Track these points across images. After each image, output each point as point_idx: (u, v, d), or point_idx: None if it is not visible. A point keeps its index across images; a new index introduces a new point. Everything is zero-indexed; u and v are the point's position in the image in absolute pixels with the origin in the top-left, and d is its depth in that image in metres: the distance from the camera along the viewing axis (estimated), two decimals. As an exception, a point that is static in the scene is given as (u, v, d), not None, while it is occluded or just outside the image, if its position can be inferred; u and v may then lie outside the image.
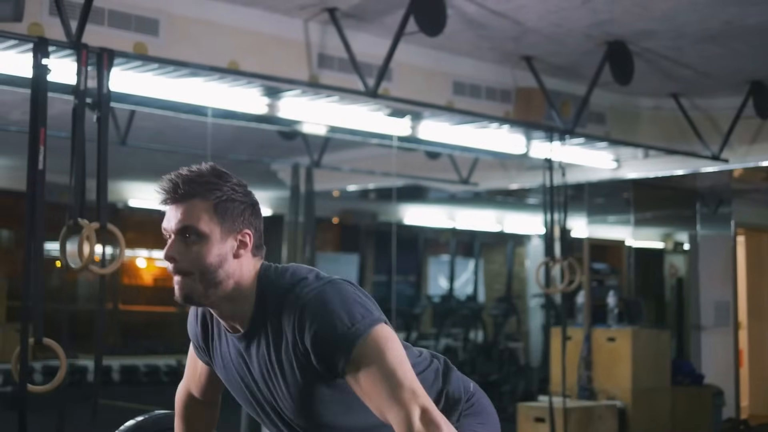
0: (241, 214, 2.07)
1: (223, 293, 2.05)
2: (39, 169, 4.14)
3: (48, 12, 4.72)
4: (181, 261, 2.03)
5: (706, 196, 9.62)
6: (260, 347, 2.09)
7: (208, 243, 2.03)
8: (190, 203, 2.03)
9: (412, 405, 1.90)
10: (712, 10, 5.51)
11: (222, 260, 2.04)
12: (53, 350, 4.19)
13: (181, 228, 2.03)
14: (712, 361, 9.31)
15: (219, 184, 2.06)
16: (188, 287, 2.03)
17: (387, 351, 1.95)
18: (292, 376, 2.06)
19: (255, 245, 2.10)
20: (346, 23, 5.59)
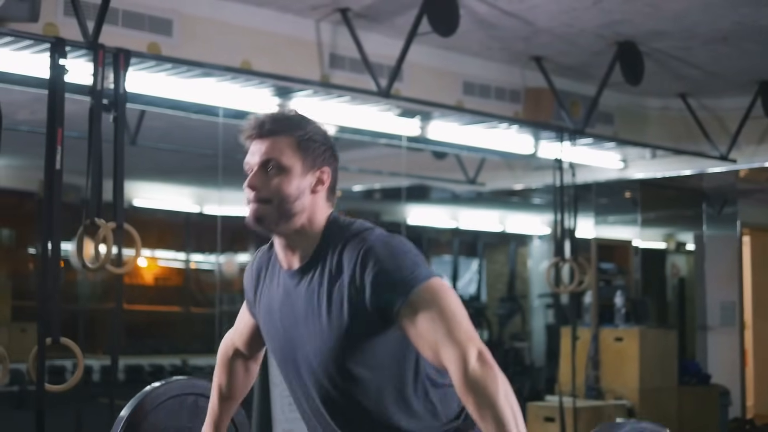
0: (322, 153, 2.19)
1: (294, 226, 2.17)
2: (56, 169, 4.16)
3: (63, 12, 4.73)
4: (262, 190, 2.15)
5: (712, 197, 9.63)
6: (312, 282, 2.16)
7: (289, 175, 2.15)
8: (274, 139, 2.16)
9: (469, 345, 1.95)
10: (724, 11, 5.52)
11: (300, 193, 2.15)
12: (71, 349, 4.20)
13: (265, 160, 2.15)
14: (718, 361, 9.33)
15: (302, 124, 2.19)
16: (263, 211, 2.15)
17: (446, 296, 2.02)
18: (337, 313, 2.11)
19: (330, 186, 2.22)
20: (357, 23, 5.60)
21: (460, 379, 1.92)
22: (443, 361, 1.97)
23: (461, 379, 1.92)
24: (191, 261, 12.06)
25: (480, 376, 1.91)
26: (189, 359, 11.15)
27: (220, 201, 7.59)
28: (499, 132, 6.85)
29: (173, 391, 2.65)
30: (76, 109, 4.37)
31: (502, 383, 1.93)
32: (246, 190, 2.16)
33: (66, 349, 4.22)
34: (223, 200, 7.45)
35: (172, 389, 2.66)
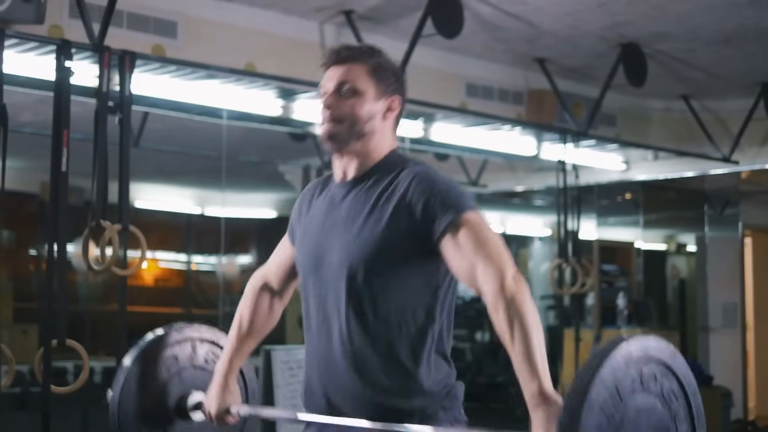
0: (394, 82, 2.33)
1: (362, 146, 2.29)
2: (62, 171, 4.16)
3: (68, 14, 4.73)
4: (336, 110, 2.27)
5: (714, 198, 9.63)
6: (361, 192, 2.28)
7: (361, 98, 2.27)
8: (350, 65, 2.29)
9: (507, 266, 2.06)
10: (727, 13, 5.53)
11: (371, 116, 2.28)
12: (76, 351, 4.20)
13: (340, 83, 2.28)
14: (720, 363, 9.33)
15: (376, 54, 2.33)
16: (336, 129, 2.27)
17: (488, 226, 2.16)
18: (377, 223, 2.20)
19: (398, 115, 2.35)
20: (362, 25, 5.60)
21: (494, 293, 2.03)
22: (478, 278, 2.08)
23: (496, 293, 2.03)
24: (193, 262, 12.06)
25: (514, 291, 2.02)
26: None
27: (223, 203, 7.60)
28: (502, 134, 6.85)
29: (175, 337, 2.66)
30: (79, 111, 4.37)
31: (532, 303, 2.04)
32: (321, 111, 2.29)
33: (68, 351, 4.22)
34: (226, 202, 7.46)
35: (174, 336, 2.66)
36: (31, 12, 4.28)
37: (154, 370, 2.61)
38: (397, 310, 2.20)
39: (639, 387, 1.83)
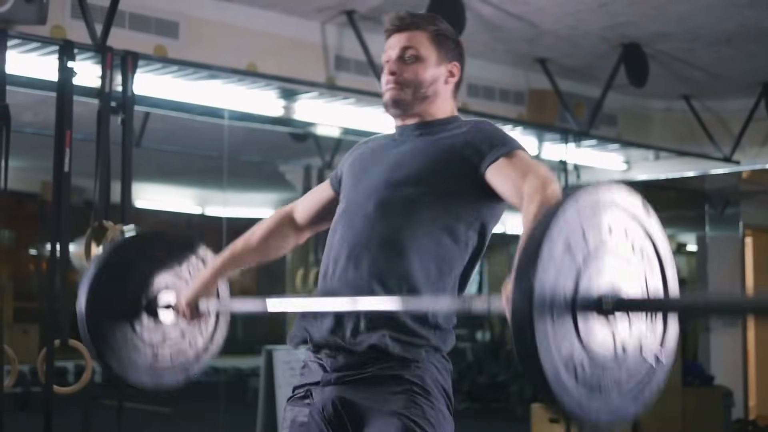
0: (454, 49, 2.40)
1: (424, 109, 2.36)
2: (65, 171, 4.17)
3: (70, 15, 4.73)
4: (400, 74, 2.34)
5: (715, 198, 9.63)
6: (421, 134, 2.35)
7: (424, 63, 2.35)
8: (412, 32, 2.36)
9: (553, 181, 2.12)
10: (728, 13, 5.53)
11: (434, 80, 2.35)
12: (79, 351, 4.20)
13: (404, 48, 2.35)
14: (721, 362, 9.33)
15: (437, 21, 2.40)
16: (400, 94, 2.34)
17: (537, 162, 2.24)
18: (435, 151, 2.29)
19: (458, 82, 2.42)
20: (363, 25, 5.61)
21: (533, 187, 2.08)
22: (524, 187, 2.12)
23: (534, 187, 2.08)
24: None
25: (554, 195, 2.05)
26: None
27: (224, 203, 7.60)
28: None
29: (161, 241, 2.72)
30: (81, 111, 4.38)
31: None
32: (385, 77, 2.36)
33: (68, 351, 4.22)
34: (227, 202, 7.46)
35: (160, 240, 2.72)
36: (33, 12, 4.28)
37: (129, 266, 2.58)
38: (432, 222, 2.24)
39: (607, 234, 1.78)
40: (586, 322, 1.71)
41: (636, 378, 1.81)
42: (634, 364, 1.81)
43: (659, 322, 1.86)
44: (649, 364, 1.83)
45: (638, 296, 1.81)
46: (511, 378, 10.40)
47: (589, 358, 1.72)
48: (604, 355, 1.75)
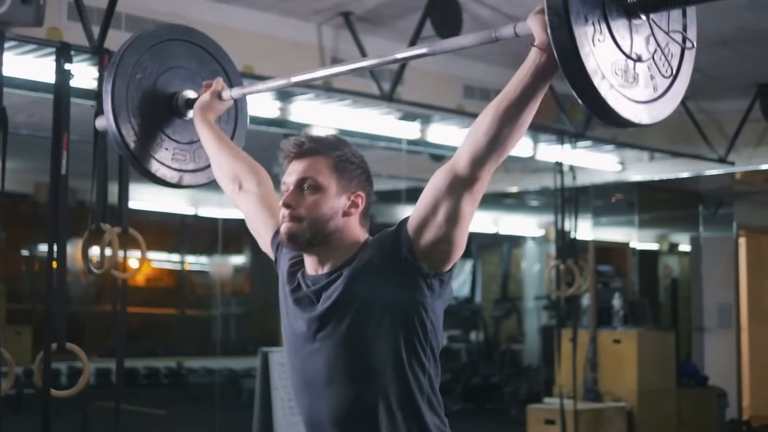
0: (357, 177, 2.22)
1: (326, 246, 2.18)
2: (62, 173, 4.14)
3: (67, 16, 4.72)
4: (296, 208, 2.17)
5: (709, 199, 9.66)
6: (333, 288, 2.16)
7: (324, 195, 2.17)
8: (312, 158, 2.19)
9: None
10: (726, 15, 5.54)
11: (334, 214, 2.17)
12: (77, 355, 4.19)
13: (302, 178, 2.18)
14: (715, 363, 9.35)
15: (340, 146, 2.22)
16: (296, 230, 2.17)
17: None
18: (362, 299, 2.11)
19: (364, 210, 2.23)
20: (360, 27, 5.60)
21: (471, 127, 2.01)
22: (460, 152, 2.02)
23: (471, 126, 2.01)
24: (186, 263, 12.05)
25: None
26: (184, 361, 11.14)
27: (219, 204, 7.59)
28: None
29: (142, 48, 2.75)
30: (75, 113, 4.35)
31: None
32: (281, 209, 2.19)
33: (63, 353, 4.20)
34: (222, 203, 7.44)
35: (141, 46, 2.76)
36: (30, 14, 4.26)
37: (146, 62, 2.73)
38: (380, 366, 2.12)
39: None
40: (617, 22, 1.81)
41: (674, 67, 1.94)
42: (667, 55, 1.92)
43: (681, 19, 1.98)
44: (681, 49, 1.95)
45: None
46: (505, 379, 10.42)
47: (625, 59, 1.84)
48: (637, 54, 1.86)
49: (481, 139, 1.99)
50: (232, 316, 11.30)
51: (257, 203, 2.49)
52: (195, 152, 2.83)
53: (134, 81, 2.71)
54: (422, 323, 2.11)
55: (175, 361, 11.15)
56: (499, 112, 1.96)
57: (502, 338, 11.69)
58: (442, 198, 2.04)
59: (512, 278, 12.90)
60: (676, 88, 1.97)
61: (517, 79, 1.97)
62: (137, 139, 2.71)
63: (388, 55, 2.38)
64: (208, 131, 2.68)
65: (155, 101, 2.76)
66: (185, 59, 2.85)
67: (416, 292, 2.09)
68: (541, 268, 12.07)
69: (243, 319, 11.46)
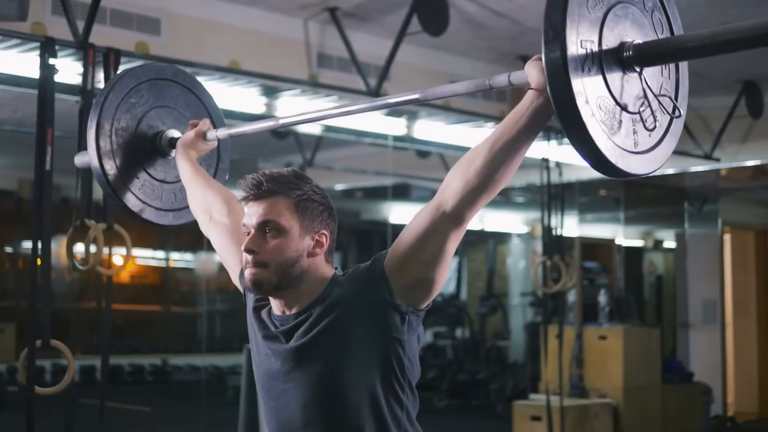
0: (320, 214, 2.14)
1: (293, 289, 2.10)
2: (46, 169, 4.12)
3: (51, 11, 4.68)
4: (260, 253, 2.09)
5: (694, 195, 9.68)
6: (307, 321, 2.10)
7: (287, 238, 2.09)
8: (272, 200, 2.10)
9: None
10: (711, 11, 5.55)
11: (299, 256, 2.10)
12: (61, 352, 4.16)
13: (263, 222, 2.09)
14: (700, 359, 9.38)
15: (300, 184, 2.13)
16: (261, 276, 2.08)
17: None
18: (336, 338, 2.06)
19: (329, 248, 2.16)
20: (346, 23, 5.59)
21: (459, 165, 1.98)
22: (449, 192, 1.98)
23: (459, 164, 1.98)
24: (171, 260, 12.01)
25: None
26: (169, 359, 11.10)
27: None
28: (486, 131, 6.85)
29: (144, 76, 2.79)
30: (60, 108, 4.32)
31: None
32: (243, 254, 2.11)
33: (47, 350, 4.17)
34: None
35: (143, 74, 2.80)
36: (13, 9, 4.24)
37: (125, 107, 2.73)
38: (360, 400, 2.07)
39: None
40: (611, 73, 1.87)
41: (659, 131, 1.99)
42: (656, 116, 1.98)
43: (673, 75, 2.06)
44: (669, 117, 2.02)
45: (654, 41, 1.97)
46: (491, 375, 10.42)
47: (621, 110, 1.89)
48: (632, 107, 1.92)
49: (473, 179, 1.95)
50: (217, 313, 11.28)
51: (226, 235, 2.44)
52: (176, 192, 2.82)
53: (123, 110, 2.72)
54: (399, 361, 2.07)
55: (160, 359, 11.11)
56: (494, 152, 1.93)
57: (487, 335, 11.69)
58: (428, 236, 2.00)
59: (498, 275, 12.90)
60: (660, 150, 2.00)
61: (513, 121, 1.93)
62: (119, 177, 2.70)
63: (379, 100, 2.37)
64: (187, 164, 2.66)
65: (140, 138, 2.76)
66: (180, 102, 2.85)
67: (393, 330, 2.05)
68: (526, 265, 12.07)
69: (228, 316, 11.43)
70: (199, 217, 2.57)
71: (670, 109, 2.02)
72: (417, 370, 2.13)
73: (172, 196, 2.82)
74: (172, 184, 2.81)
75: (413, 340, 2.10)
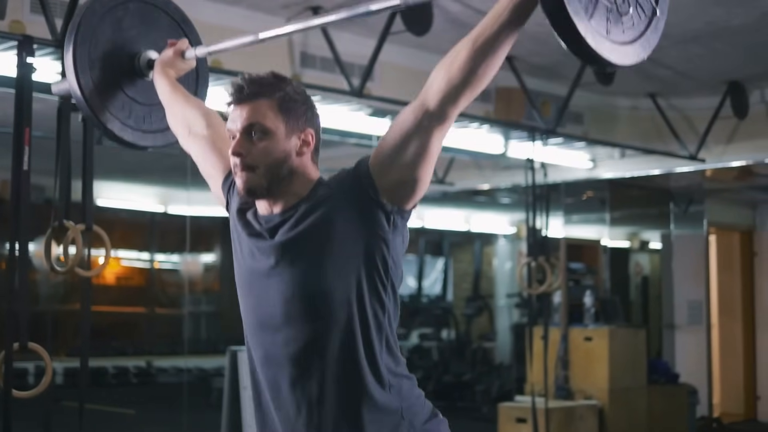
0: (304, 114, 2.16)
1: (284, 188, 2.13)
2: (24, 169, 4.06)
3: (30, 9, 4.63)
4: (247, 156, 2.11)
5: (679, 196, 9.68)
6: (292, 218, 2.12)
7: (273, 139, 2.12)
8: (255, 102, 2.11)
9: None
10: (696, 11, 5.53)
11: (286, 156, 2.13)
12: (39, 354, 4.10)
13: (248, 125, 2.11)
14: (685, 360, 9.37)
15: (281, 85, 2.15)
16: (252, 181, 2.12)
17: None
18: (321, 234, 2.08)
19: (315, 148, 2.19)
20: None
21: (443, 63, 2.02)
22: (431, 89, 2.01)
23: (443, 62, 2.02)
24: (156, 261, 11.95)
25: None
26: (154, 361, 11.04)
27: (188, 201, 7.51)
28: (470, 131, 6.82)
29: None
30: (40, 108, 4.27)
31: None
32: (231, 158, 2.14)
33: (25, 352, 4.12)
34: (191, 200, 7.37)
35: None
36: (-9, 7, 4.18)
37: (103, 26, 2.73)
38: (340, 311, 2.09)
39: None
40: None
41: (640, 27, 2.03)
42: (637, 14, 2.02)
43: None
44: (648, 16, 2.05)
45: None
46: (477, 377, 10.39)
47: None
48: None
49: (456, 75, 1.98)
50: (202, 314, 11.23)
51: (207, 146, 2.46)
52: (153, 113, 2.83)
53: (102, 31, 2.73)
54: (383, 259, 2.09)
55: (145, 361, 11.05)
56: (476, 48, 1.97)
57: (473, 336, 11.66)
58: (411, 135, 2.02)
59: (484, 276, 12.88)
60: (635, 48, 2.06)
61: (494, 16, 1.98)
62: (96, 94, 2.71)
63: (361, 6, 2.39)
64: (165, 82, 2.66)
65: (118, 59, 2.76)
66: (159, 25, 2.88)
67: (378, 228, 2.07)
68: (512, 266, 12.05)
69: (213, 318, 11.38)
70: (179, 132, 2.57)
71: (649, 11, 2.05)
72: (400, 274, 2.15)
73: (150, 117, 2.83)
74: (151, 106, 2.81)
75: (398, 241, 2.12)
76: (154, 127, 2.84)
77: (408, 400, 2.15)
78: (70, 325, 9.84)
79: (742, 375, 10.07)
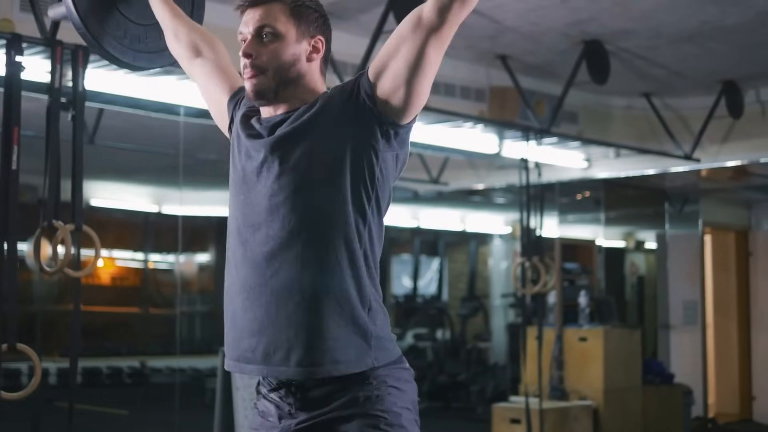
0: (315, 21, 2.17)
1: (292, 93, 2.14)
2: (13, 168, 4.03)
3: (19, 8, 4.60)
4: (257, 57, 2.12)
5: (674, 196, 9.66)
6: (291, 117, 2.13)
7: (283, 42, 2.12)
8: (268, 6, 2.14)
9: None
10: (691, 10, 5.51)
11: (296, 60, 2.13)
12: (28, 355, 4.07)
13: (259, 27, 2.12)
14: (681, 360, 9.35)
15: None
16: (261, 84, 2.12)
17: None
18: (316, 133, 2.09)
19: (325, 56, 2.20)
20: (322, 20, 5.51)
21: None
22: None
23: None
24: (150, 261, 11.91)
25: None
26: (148, 361, 11.01)
27: (181, 201, 7.48)
28: (464, 131, 6.79)
29: None
30: (30, 107, 4.24)
31: None
32: (241, 60, 2.14)
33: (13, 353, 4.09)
34: (184, 200, 7.33)
35: None
36: (-21, 5, 4.15)
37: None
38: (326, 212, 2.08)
39: None
40: None
41: None
42: None
43: None
44: None
45: None
46: (471, 377, 10.36)
47: None
48: None
49: None
50: (197, 314, 11.20)
51: (214, 69, 2.46)
52: (148, 34, 2.78)
53: None
54: (371, 167, 2.08)
55: (139, 361, 11.01)
56: None
57: (468, 336, 11.63)
58: (406, 40, 2.05)
59: (479, 276, 12.86)
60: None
61: None
62: (93, 14, 2.66)
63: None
64: (162, 3, 2.61)
65: None
66: None
67: (371, 136, 2.08)
68: (507, 266, 12.03)
69: (208, 318, 11.35)
70: (184, 55, 2.54)
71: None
72: (388, 194, 2.15)
73: (146, 37, 2.78)
74: (146, 26, 2.76)
75: (389, 157, 2.13)
76: (150, 47, 2.80)
77: (383, 331, 2.13)
78: (64, 325, 9.79)
79: (738, 375, 10.04)
